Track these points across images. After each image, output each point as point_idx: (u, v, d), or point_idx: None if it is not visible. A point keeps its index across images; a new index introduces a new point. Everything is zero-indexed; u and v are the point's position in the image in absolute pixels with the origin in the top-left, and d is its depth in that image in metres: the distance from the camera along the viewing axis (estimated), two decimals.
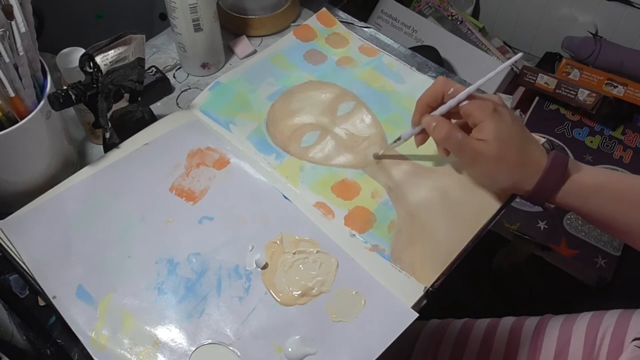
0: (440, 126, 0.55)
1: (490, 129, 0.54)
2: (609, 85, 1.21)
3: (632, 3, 1.23)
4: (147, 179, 0.63)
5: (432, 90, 0.57)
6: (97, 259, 0.57)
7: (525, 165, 0.55)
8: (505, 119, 0.55)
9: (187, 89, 0.76)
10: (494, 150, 0.54)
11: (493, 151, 0.54)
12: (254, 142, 0.67)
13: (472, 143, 0.55)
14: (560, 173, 0.55)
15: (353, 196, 0.62)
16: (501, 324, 0.72)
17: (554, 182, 0.55)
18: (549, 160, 0.55)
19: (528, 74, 1.22)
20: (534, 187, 0.55)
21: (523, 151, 0.55)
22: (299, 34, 0.79)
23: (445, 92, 0.56)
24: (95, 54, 0.57)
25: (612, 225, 0.57)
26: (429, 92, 0.58)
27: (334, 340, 0.52)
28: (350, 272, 0.56)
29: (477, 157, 0.55)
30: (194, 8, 0.68)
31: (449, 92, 0.56)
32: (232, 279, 0.56)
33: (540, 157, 0.55)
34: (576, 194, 0.55)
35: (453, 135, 0.55)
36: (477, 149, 0.55)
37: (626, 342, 0.61)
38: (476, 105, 0.55)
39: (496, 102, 0.56)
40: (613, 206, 0.55)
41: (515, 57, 0.57)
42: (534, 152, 0.56)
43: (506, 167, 0.55)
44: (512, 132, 0.55)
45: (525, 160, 0.55)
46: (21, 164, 0.60)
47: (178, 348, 0.51)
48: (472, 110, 0.55)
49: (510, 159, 0.55)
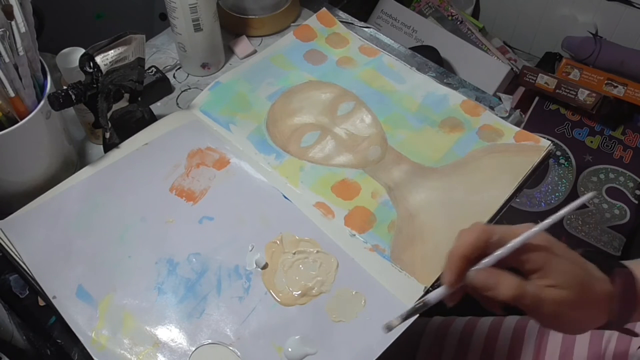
0: (508, 281, 0.44)
1: (559, 271, 0.44)
2: (609, 85, 1.21)
3: (632, 3, 1.23)
4: (147, 179, 0.62)
5: (474, 241, 0.45)
6: (97, 259, 0.57)
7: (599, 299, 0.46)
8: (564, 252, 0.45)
9: (187, 89, 0.76)
10: (574, 296, 0.44)
11: (573, 297, 0.44)
12: (254, 142, 0.67)
13: (548, 294, 0.44)
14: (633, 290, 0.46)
15: (353, 196, 0.62)
16: (505, 323, 0.72)
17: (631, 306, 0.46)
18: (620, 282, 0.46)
19: (528, 74, 1.22)
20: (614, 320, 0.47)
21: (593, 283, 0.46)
22: (299, 34, 0.78)
23: (488, 240, 0.45)
24: (95, 54, 0.57)
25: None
26: (468, 242, 0.45)
27: (334, 340, 0.52)
28: (350, 272, 0.56)
29: (559, 309, 0.44)
30: (194, 8, 0.68)
31: (492, 240, 0.45)
32: (232, 279, 0.56)
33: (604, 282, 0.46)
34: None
35: (526, 290, 0.44)
36: (557, 299, 0.44)
37: (632, 348, 0.61)
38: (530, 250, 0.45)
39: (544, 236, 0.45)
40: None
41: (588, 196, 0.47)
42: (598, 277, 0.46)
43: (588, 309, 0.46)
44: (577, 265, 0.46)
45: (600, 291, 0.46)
46: (21, 164, 0.60)
47: (178, 348, 0.51)
48: (530, 257, 0.45)
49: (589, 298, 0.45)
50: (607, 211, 1.11)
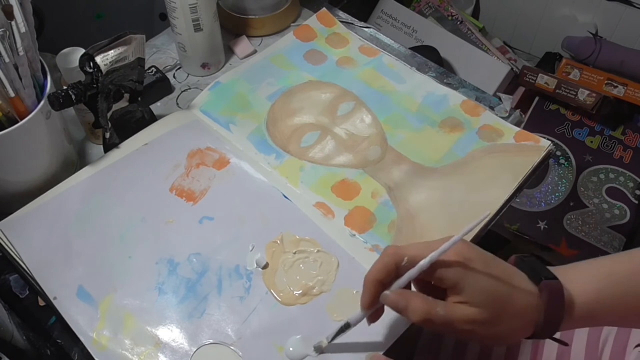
0: (415, 304, 0.44)
1: (472, 289, 0.44)
2: (609, 85, 1.21)
3: (632, 3, 1.23)
4: (147, 179, 0.62)
5: (382, 265, 0.46)
6: (98, 259, 0.57)
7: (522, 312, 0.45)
8: (479, 267, 0.45)
9: (187, 89, 0.76)
10: (487, 313, 0.44)
11: (486, 314, 0.44)
12: (254, 142, 0.66)
13: (459, 313, 0.44)
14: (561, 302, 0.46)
15: (353, 196, 0.62)
16: None
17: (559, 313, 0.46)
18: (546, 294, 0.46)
19: (528, 74, 1.22)
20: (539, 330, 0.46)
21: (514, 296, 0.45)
22: (299, 34, 0.78)
23: (398, 263, 0.46)
24: (95, 54, 0.57)
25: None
26: (377, 267, 0.46)
27: (335, 339, 0.52)
28: (350, 271, 0.56)
29: (472, 327, 0.44)
30: (194, 8, 0.68)
31: (402, 263, 0.46)
32: (232, 278, 0.56)
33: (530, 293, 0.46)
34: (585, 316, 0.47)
35: (434, 313, 0.44)
36: (469, 318, 0.44)
37: (629, 348, 0.61)
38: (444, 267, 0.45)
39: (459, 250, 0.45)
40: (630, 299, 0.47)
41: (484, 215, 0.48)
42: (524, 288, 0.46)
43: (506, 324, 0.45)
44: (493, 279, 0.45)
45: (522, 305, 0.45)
46: (21, 164, 0.60)
47: (179, 348, 0.51)
48: (442, 274, 0.45)
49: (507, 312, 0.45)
50: (607, 211, 1.11)
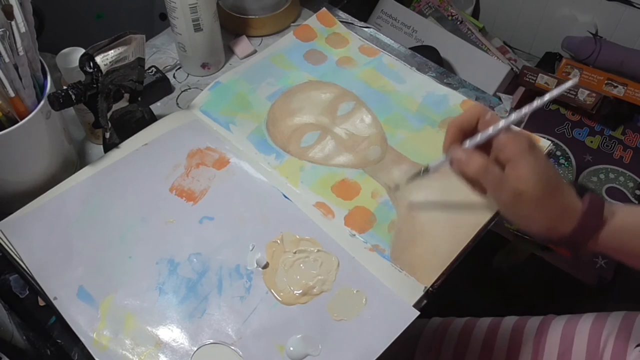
0: (474, 158, 0.49)
1: (529, 167, 0.48)
2: (609, 85, 1.21)
3: (632, 3, 1.23)
4: (147, 179, 0.62)
5: (469, 114, 0.52)
6: (98, 259, 0.57)
7: (563, 209, 0.50)
8: (541, 157, 0.49)
9: (187, 89, 0.76)
10: (536, 191, 0.48)
11: (535, 192, 0.48)
12: (254, 142, 0.66)
13: (512, 180, 0.48)
14: (599, 215, 0.50)
15: (353, 196, 0.62)
16: (503, 324, 0.72)
17: (593, 226, 0.50)
18: (586, 203, 0.50)
19: (528, 74, 1.22)
20: (571, 232, 0.50)
21: (559, 193, 0.50)
22: (299, 34, 0.78)
23: (482, 117, 0.51)
24: (95, 54, 0.57)
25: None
26: (465, 115, 0.52)
27: (336, 338, 0.52)
28: (351, 270, 0.56)
29: (518, 197, 0.49)
30: (194, 8, 0.68)
31: (485, 118, 0.51)
32: (233, 278, 0.56)
33: (575, 199, 0.51)
34: (614, 237, 0.51)
35: (491, 169, 0.49)
36: (518, 188, 0.48)
37: (630, 348, 0.61)
38: (512, 139, 0.49)
39: (532, 138, 0.50)
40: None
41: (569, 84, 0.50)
42: (568, 193, 0.51)
43: (545, 209, 0.49)
44: (550, 172, 0.49)
45: (563, 203, 0.50)
46: (21, 164, 0.60)
47: (180, 348, 0.51)
48: (508, 143, 0.48)
49: (549, 200, 0.49)
50: None
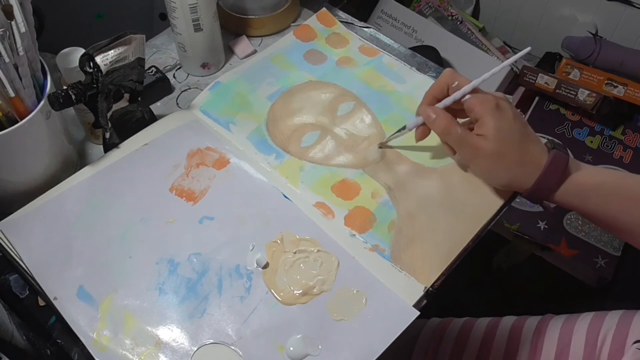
0: (440, 119, 0.56)
1: (490, 125, 0.54)
2: (609, 85, 1.21)
3: (632, 3, 1.23)
4: (147, 179, 0.62)
5: (439, 82, 0.58)
6: (98, 259, 0.57)
7: (524, 163, 0.55)
8: (507, 116, 0.55)
9: (187, 89, 0.76)
10: (493, 147, 0.54)
11: (492, 147, 0.54)
12: (254, 142, 0.66)
13: (471, 138, 0.55)
14: (560, 171, 0.55)
15: (353, 196, 0.62)
16: (501, 324, 0.72)
17: (554, 180, 0.55)
18: (549, 158, 0.55)
19: (528, 74, 1.22)
20: (533, 185, 0.55)
21: (523, 149, 0.55)
22: (299, 34, 0.79)
23: (450, 84, 0.57)
24: (95, 54, 0.57)
25: (613, 225, 0.56)
26: (435, 83, 0.58)
27: (336, 338, 0.52)
28: (351, 270, 0.56)
29: (476, 152, 0.55)
30: (194, 8, 0.68)
31: (453, 85, 0.57)
32: (233, 278, 0.56)
33: (540, 155, 0.55)
34: (576, 193, 0.55)
35: (453, 129, 0.55)
36: (476, 145, 0.55)
37: (627, 345, 0.61)
38: (478, 100, 0.55)
39: (499, 98, 0.56)
40: (614, 205, 0.55)
41: (522, 52, 0.58)
42: (534, 150, 0.56)
43: (504, 164, 0.55)
44: (513, 129, 0.55)
45: (525, 158, 0.55)
46: (21, 164, 0.60)
47: (180, 348, 0.51)
48: (474, 105, 0.55)
49: (509, 156, 0.55)
50: None
